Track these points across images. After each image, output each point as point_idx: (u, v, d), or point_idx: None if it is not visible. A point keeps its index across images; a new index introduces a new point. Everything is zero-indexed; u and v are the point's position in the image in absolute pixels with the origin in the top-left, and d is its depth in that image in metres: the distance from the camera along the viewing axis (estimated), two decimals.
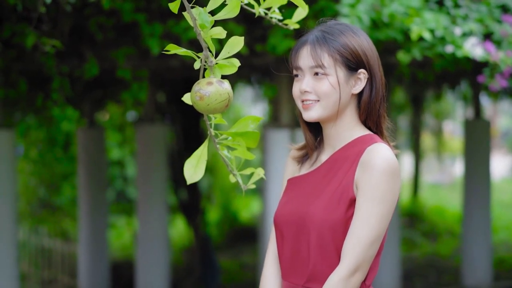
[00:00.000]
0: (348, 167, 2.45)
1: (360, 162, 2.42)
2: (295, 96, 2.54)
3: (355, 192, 2.41)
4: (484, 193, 9.06)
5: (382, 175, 2.37)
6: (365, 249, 2.36)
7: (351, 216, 2.40)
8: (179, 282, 9.70)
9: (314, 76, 2.48)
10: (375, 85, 2.51)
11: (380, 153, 2.40)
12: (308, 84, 2.48)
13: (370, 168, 2.38)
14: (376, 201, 2.36)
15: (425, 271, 10.42)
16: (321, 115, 2.48)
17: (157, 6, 5.57)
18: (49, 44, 4.52)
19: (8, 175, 6.39)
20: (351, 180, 2.42)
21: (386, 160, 2.38)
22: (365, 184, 2.38)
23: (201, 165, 2.24)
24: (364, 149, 2.44)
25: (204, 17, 2.06)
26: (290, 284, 2.51)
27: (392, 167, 2.38)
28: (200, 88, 2.11)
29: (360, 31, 2.55)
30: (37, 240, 10.68)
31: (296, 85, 2.53)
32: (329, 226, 2.40)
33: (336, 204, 2.41)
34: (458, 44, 4.95)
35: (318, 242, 2.42)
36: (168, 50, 2.12)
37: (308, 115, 2.49)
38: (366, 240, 2.36)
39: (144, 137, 8.38)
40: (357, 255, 2.36)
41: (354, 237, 2.36)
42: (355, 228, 2.37)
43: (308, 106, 2.48)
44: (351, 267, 2.36)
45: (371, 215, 2.36)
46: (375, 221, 2.36)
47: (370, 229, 2.36)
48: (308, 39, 2.51)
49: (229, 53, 2.15)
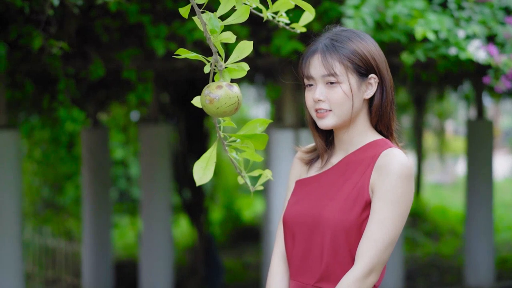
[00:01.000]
0: (363, 170, 2.49)
1: (375, 166, 2.46)
2: (308, 105, 2.55)
3: (370, 195, 2.45)
4: (487, 193, 9.09)
5: (398, 179, 2.42)
6: (380, 251, 2.40)
7: (365, 218, 2.45)
8: (183, 281, 9.74)
9: (326, 85, 2.51)
10: (386, 89, 2.55)
11: (396, 157, 2.44)
12: (322, 93, 2.50)
13: (386, 172, 2.43)
14: (392, 204, 2.41)
15: (427, 271, 10.46)
16: (336, 123, 2.52)
17: (162, 7, 5.60)
18: (56, 46, 4.55)
19: (13, 175, 6.42)
20: (366, 183, 2.46)
21: (402, 165, 2.43)
22: (381, 187, 2.42)
23: (210, 167, 2.28)
24: (379, 153, 2.48)
25: (214, 22, 2.09)
26: (300, 283, 2.55)
27: (408, 171, 2.43)
28: (210, 92, 2.14)
29: (367, 36, 2.58)
30: (41, 240, 10.71)
31: (308, 94, 2.55)
32: (343, 228, 2.44)
33: (351, 206, 2.45)
34: (461, 46, 4.98)
35: (332, 243, 2.45)
36: (179, 54, 2.16)
37: (323, 123, 2.52)
38: (382, 242, 2.40)
39: (148, 137, 8.41)
40: (372, 257, 2.40)
41: (370, 239, 2.41)
42: (371, 231, 2.41)
43: (322, 115, 2.51)
44: (366, 269, 2.40)
45: (387, 218, 2.41)
46: (391, 224, 2.41)
47: (386, 232, 2.41)
48: (318, 47, 2.53)
49: (238, 57, 2.17)
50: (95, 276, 9.06)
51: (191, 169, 9.81)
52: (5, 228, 6.37)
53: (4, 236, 6.37)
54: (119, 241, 12.36)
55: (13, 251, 6.42)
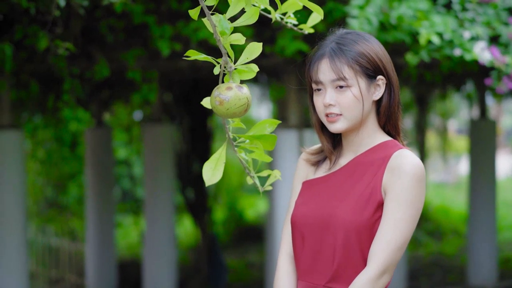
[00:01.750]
0: (375, 171, 2.51)
1: (387, 167, 2.48)
2: (319, 110, 2.55)
3: (383, 195, 2.47)
4: (490, 193, 9.10)
5: (411, 180, 2.44)
6: (393, 252, 2.42)
7: (378, 218, 2.47)
8: (186, 281, 9.75)
9: (336, 89, 2.51)
10: (393, 89, 2.57)
11: (408, 158, 2.47)
12: (332, 97, 2.51)
13: (399, 174, 2.45)
14: (406, 205, 2.43)
15: (430, 270, 10.47)
16: (347, 127, 2.53)
17: (166, 8, 5.62)
18: (62, 47, 4.57)
19: (18, 174, 6.45)
20: (378, 184, 2.48)
21: (415, 166, 2.45)
22: (394, 189, 2.45)
23: (219, 167, 2.29)
24: (390, 154, 2.50)
25: (224, 24, 2.10)
26: (309, 284, 2.56)
27: (420, 172, 2.46)
28: (219, 93, 2.15)
29: (371, 37, 2.59)
30: (44, 239, 10.73)
31: (318, 99, 2.55)
32: (355, 228, 2.46)
33: (364, 207, 2.47)
34: (466, 47, 4.99)
35: (344, 243, 2.47)
36: (188, 56, 2.17)
37: (334, 127, 2.53)
38: (395, 243, 2.43)
39: (151, 137, 8.43)
40: (385, 258, 2.42)
41: (383, 240, 2.42)
42: (385, 232, 2.43)
43: (333, 119, 2.52)
44: (380, 270, 2.42)
45: (400, 219, 2.43)
46: (404, 225, 2.44)
47: (399, 233, 2.43)
48: (325, 52, 2.53)
49: (248, 59, 2.19)
50: (99, 276, 9.08)
51: (194, 168, 9.84)
52: (10, 228, 6.40)
53: (9, 235, 6.39)
54: (122, 240, 12.37)
55: (17, 250, 6.44)
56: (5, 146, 6.39)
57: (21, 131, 6.55)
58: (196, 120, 9.76)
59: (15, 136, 6.42)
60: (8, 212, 6.39)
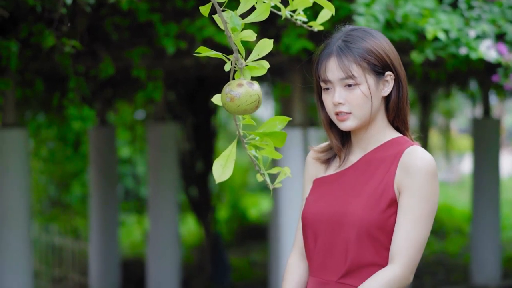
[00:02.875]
0: (387, 168, 2.51)
1: (400, 163, 2.49)
2: (328, 109, 2.55)
3: (395, 192, 2.47)
4: (493, 192, 9.10)
5: (425, 176, 2.45)
6: (418, 250, 2.45)
7: (390, 215, 2.47)
8: (190, 280, 9.75)
9: (345, 87, 2.51)
10: (401, 84, 2.57)
11: (420, 155, 2.48)
12: (341, 95, 2.51)
13: (413, 171, 2.46)
14: (423, 202, 2.45)
15: (434, 269, 10.46)
16: (357, 125, 2.53)
17: (171, 6, 5.62)
18: (68, 45, 4.57)
19: (22, 173, 6.45)
20: (391, 181, 2.48)
21: (428, 162, 2.46)
22: (410, 186, 2.45)
23: (230, 164, 2.29)
24: (402, 151, 2.51)
25: (235, 20, 2.10)
26: (321, 280, 2.56)
27: (433, 168, 2.47)
28: (230, 90, 2.15)
29: (378, 33, 2.59)
30: (47, 238, 10.74)
31: (327, 98, 2.55)
32: (368, 224, 2.46)
33: (376, 203, 2.47)
34: (472, 46, 4.99)
35: (357, 240, 2.47)
36: (199, 53, 2.17)
37: (344, 126, 2.53)
38: (419, 241, 2.45)
39: (155, 136, 8.44)
40: (411, 256, 2.44)
41: (406, 239, 2.44)
42: (407, 230, 2.44)
43: (343, 118, 2.52)
44: (408, 269, 2.44)
45: (420, 216, 2.45)
46: (424, 222, 2.45)
47: (420, 231, 2.45)
48: (332, 50, 2.53)
49: (259, 55, 2.19)
50: (102, 274, 9.09)
51: (198, 167, 9.85)
52: (14, 226, 6.40)
53: (13, 234, 6.39)
54: (126, 239, 12.38)
55: (22, 249, 6.44)
56: (9, 144, 6.39)
57: (25, 129, 6.55)
58: (200, 119, 9.76)
59: (20, 134, 6.42)
60: (12, 210, 6.39)
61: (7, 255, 6.37)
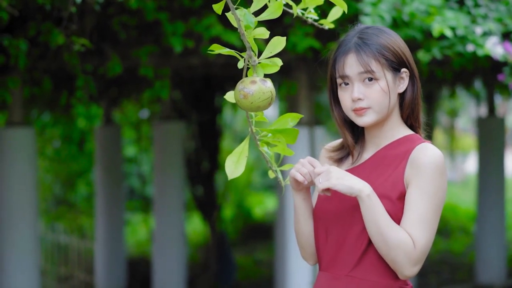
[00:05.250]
0: (398, 164, 2.53)
1: (410, 159, 2.50)
2: (345, 105, 2.56)
3: (405, 187, 2.49)
4: (498, 191, 9.10)
5: (433, 171, 2.47)
6: (426, 245, 2.45)
7: (401, 208, 2.48)
8: (195, 278, 9.77)
9: (363, 83, 2.53)
10: (416, 81, 2.60)
11: (430, 151, 2.49)
12: (360, 91, 2.52)
13: (421, 166, 2.47)
14: (430, 196, 2.46)
15: (438, 268, 10.47)
16: (375, 120, 2.55)
17: (178, 4, 5.63)
18: (78, 43, 4.59)
19: (30, 172, 6.46)
20: (401, 176, 2.50)
21: (436, 157, 2.48)
22: (417, 180, 2.47)
23: (242, 161, 2.31)
24: (413, 147, 2.52)
25: (249, 18, 2.12)
26: (331, 274, 2.58)
27: (442, 165, 2.49)
28: (244, 87, 2.17)
29: (391, 31, 2.62)
30: (53, 237, 10.77)
31: (345, 94, 2.56)
32: None
33: (387, 198, 2.49)
34: (478, 43, 5.00)
35: (368, 234, 2.49)
36: (213, 50, 2.19)
37: (362, 121, 2.55)
38: (426, 235, 2.45)
39: (161, 135, 8.45)
40: (422, 249, 2.45)
41: (412, 234, 2.44)
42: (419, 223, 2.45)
43: (361, 112, 2.54)
44: (421, 255, 2.45)
45: (426, 211, 2.46)
46: (430, 216, 2.46)
47: (429, 226, 2.46)
48: (350, 47, 2.54)
49: (271, 53, 2.21)
50: (108, 273, 9.11)
51: (203, 166, 9.86)
52: (21, 225, 6.41)
53: (20, 232, 6.41)
54: (131, 238, 12.40)
55: (29, 247, 6.46)
56: (16, 143, 6.41)
57: (32, 128, 6.57)
58: (206, 118, 9.78)
59: (27, 133, 6.44)
60: (19, 209, 6.40)
61: (15, 254, 6.39)
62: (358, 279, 2.52)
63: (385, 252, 2.45)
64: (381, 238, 2.44)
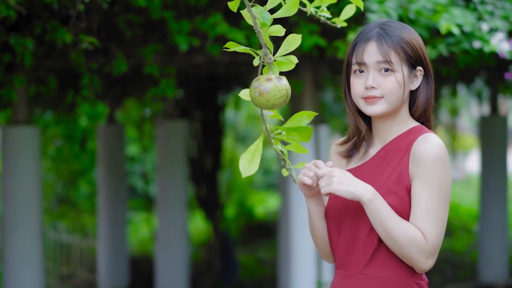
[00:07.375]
0: (401, 157, 2.53)
1: (412, 151, 2.51)
2: (356, 91, 2.56)
3: (410, 179, 2.49)
4: (501, 189, 9.10)
5: (434, 162, 2.46)
6: (440, 234, 2.45)
7: (408, 203, 2.49)
8: (198, 277, 9.76)
9: (379, 72, 2.53)
10: (431, 81, 2.60)
11: (430, 142, 2.49)
12: (375, 79, 2.52)
13: (422, 157, 2.47)
14: (435, 188, 2.46)
15: (441, 267, 10.46)
16: (386, 110, 2.54)
17: (184, 3, 5.63)
18: (86, 42, 4.58)
19: (34, 170, 6.45)
20: (405, 169, 2.50)
21: (436, 148, 2.47)
22: (420, 173, 2.47)
23: (256, 159, 2.30)
24: (414, 139, 2.52)
25: (265, 15, 2.12)
26: (345, 273, 2.58)
27: (443, 154, 2.48)
28: (259, 85, 2.17)
29: (412, 28, 2.62)
30: (55, 236, 10.76)
31: (359, 81, 2.56)
32: None
33: (394, 191, 2.50)
34: (485, 39, 5.00)
35: None
36: (228, 48, 2.19)
37: (372, 109, 2.54)
38: (441, 223, 2.46)
39: (164, 133, 8.45)
40: (433, 241, 2.45)
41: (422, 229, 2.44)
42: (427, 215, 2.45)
43: (373, 100, 2.53)
44: (433, 249, 2.45)
45: (433, 203, 2.45)
46: (438, 207, 2.46)
47: (438, 217, 2.46)
48: (372, 35, 2.55)
49: (287, 50, 2.21)
50: (111, 272, 9.11)
51: (206, 165, 9.86)
52: (25, 224, 6.41)
53: (24, 231, 6.40)
54: (134, 237, 12.40)
55: (33, 246, 6.45)
56: (21, 142, 6.40)
57: (36, 127, 6.56)
58: (209, 116, 9.78)
59: (31, 132, 6.43)
60: (23, 208, 6.40)
61: (20, 253, 6.39)
62: (371, 276, 2.52)
63: (397, 250, 2.45)
64: (390, 238, 2.44)
